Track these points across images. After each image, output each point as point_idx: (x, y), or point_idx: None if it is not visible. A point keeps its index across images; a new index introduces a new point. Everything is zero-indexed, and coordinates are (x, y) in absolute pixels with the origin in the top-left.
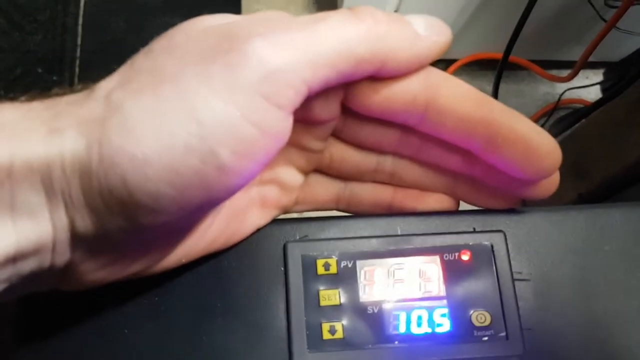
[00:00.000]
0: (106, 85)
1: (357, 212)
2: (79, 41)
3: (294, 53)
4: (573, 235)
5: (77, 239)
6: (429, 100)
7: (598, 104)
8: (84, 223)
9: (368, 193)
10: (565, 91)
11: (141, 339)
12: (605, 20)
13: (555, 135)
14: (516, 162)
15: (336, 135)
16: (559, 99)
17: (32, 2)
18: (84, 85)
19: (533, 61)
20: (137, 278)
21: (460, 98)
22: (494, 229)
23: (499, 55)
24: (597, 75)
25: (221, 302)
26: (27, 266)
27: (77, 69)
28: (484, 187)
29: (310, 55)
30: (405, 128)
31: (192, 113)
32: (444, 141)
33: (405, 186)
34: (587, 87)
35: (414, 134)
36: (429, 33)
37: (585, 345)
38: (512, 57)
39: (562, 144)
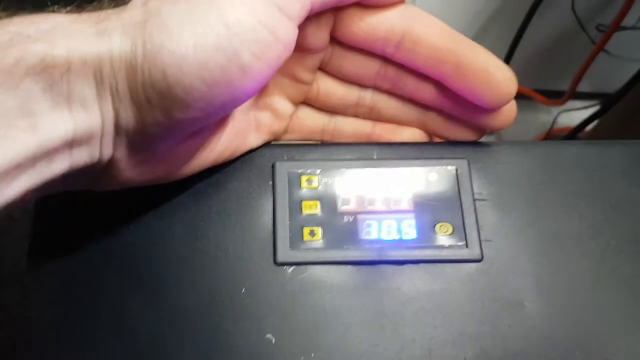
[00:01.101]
0: None
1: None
2: None
3: None
4: (530, 165)
5: (119, 133)
6: (405, 30)
7: (591, 119)
8: (127, 115)
9: (350, 126)
10: (558, 114)
11: (144, 238)
12: (595, 44)
13: None
14: (477, 88)
15: (323, 68)
16: (553, 124)
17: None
18: (116, 3)
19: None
20: (156, 184)
21: (432, 29)
22: (460, 157)
23: None
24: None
25: (217, 208)
26: (80, 157)
27: None
28: (452, 119)
29: None
30: (383, 60)
31: (220, 17)
32: (417, 73)
33: (383, 121)
34: (581, 111)
35: (391, 66)
36: None
37: (536, 254)
38: None
39: None
